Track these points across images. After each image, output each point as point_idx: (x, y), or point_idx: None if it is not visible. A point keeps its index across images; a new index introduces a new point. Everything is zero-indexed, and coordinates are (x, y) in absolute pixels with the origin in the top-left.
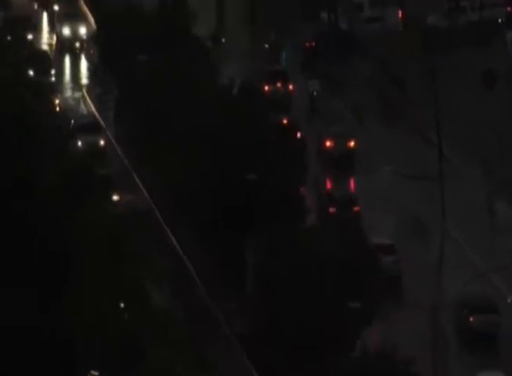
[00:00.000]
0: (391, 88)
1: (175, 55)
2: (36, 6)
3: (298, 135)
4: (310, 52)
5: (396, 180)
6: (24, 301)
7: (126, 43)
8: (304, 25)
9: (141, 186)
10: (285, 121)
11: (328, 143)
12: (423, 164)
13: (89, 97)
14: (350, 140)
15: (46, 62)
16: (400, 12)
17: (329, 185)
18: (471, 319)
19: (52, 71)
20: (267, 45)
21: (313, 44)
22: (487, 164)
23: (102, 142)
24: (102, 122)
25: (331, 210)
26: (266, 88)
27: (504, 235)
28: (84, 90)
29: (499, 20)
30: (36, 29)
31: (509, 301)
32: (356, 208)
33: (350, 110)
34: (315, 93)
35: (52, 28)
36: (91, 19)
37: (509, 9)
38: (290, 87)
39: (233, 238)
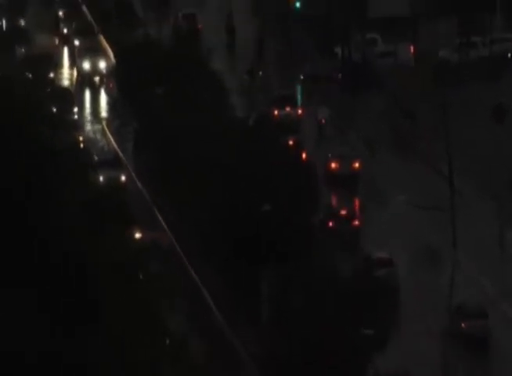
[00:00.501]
0: (403, 121)
1: (191, 88)
2: (57, 41)
3: (303, 156)
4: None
5: (409, 210)
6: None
7: (144, 76)
8: (319, 59)
9: (159, 217)
10: (291, 142)
11: (333, 165)
12: (435, 195)
13: (109, 129)
14: (355, 161)
15: (69, 99)
16: (412, 47)
17: (334, 203)
18: (463, 324)
19: (75, 109)
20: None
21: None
22: (497, 196)
23: (123, 178)
24: (123, 158)
25: (331, 224)
26: (276, 112)
27: None
28: (104, 123)
29: (509, 55)
30: (57, 66)
31: None
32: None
33: (362, 142)
34: (323, 121)
35: (73, 62)
36: (111, 54)
37: None
38: (299, 111)
39: (248, 268)
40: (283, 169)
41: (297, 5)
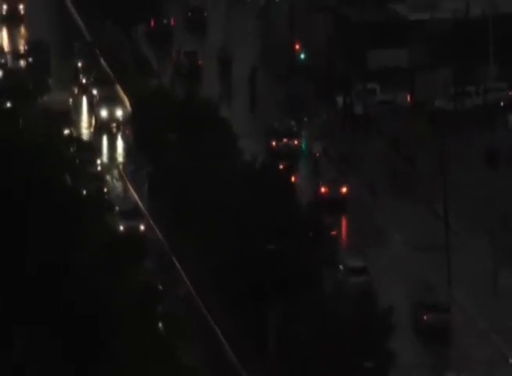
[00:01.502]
0: (401, 165)
1: (202, 134)
2: (76, 91)
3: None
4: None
5: (406, 249)
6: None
7: (158, 124)
8: (321, 107)
9: (172, 258)
10: (282, 166)
11: (323, 189)
12: (432, 235)
13: (124, 174)
14: (342, 186)
15: (92, 152)
16: (409, 96)
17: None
18: (425, 317)
19: (98, 161)
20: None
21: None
22: (491, 235)
23: (142, 227)
24: (142, 208)
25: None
26: (274, 143)
27: (509, 300)
28: (121, 167)
29: (502, 104)
30: (76, 116)
31: (510, 361)
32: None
33: (364, 184)
34: (317, 154)
35: (91, 110)
36: (127, 103)
37: (511, 93)
38: (296, 142)
39: (256, 304)
40: (287, 211)
41: (302, 56)
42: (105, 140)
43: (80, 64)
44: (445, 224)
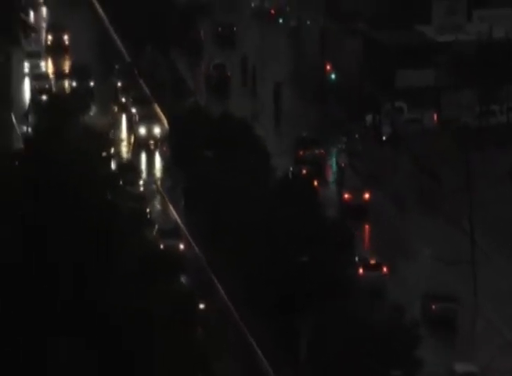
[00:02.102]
0: (428, 181)
1: (237, 151)
2: (116, 109)
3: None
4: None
5: (434, 264)
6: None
7: (194, 141)
8: (351, 125)
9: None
10: (304, 171)
11: (346, 196)
12: (458, 249)
13: (162, 189)
14: (365, 193)
15: (135, 172)
16: (436, 115)
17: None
18: (433, 306)
19: (141, 181)
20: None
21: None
22: None
23: (181, 246)
24: (182, 227)
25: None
26: (301, 152)
27: None
28: (158, 183)
29: None
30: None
31: None
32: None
33: (391, 199)
34: (343, 164)
35: (130, 128)
36: (164, 121)
37: None
38: (321, 151)
39: (288, 315)
40: (317, 224)
41: (332, 76)
42: (143, 157)
43: (120, 84)
44: (470, 239)
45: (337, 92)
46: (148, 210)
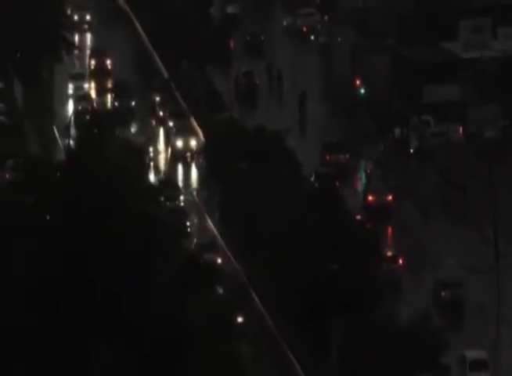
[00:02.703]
0: (453, 193)
1: (270, 164)
2: (154, 123)
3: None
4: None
5: (458, 271)
6: None
7: (229, 154)
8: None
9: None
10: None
11: (370, 198)
12: (482, 258)
13: (198, 200)
14: (388, 195)
15: (176, 191)
16: (461, 128)
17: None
18: (442, 293)
19: (181, 197)
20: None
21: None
22: None
23: (219, 261)
24: (221, 242)
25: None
26: (327, 157)
27: None
28: (195, 194)
29: None
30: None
31: None
32: None
33: (418, 211)
34: (369, 171)
35: (168, 141)
36: (200, 134)
37: None
38: (347, 156)
39: (319, 323)
40: (347, 233)
41: (362, 91)
42: (180, 168)
43: (157, 99)
44: (494, 248)
45: (366, 106)
46: (188, 224)
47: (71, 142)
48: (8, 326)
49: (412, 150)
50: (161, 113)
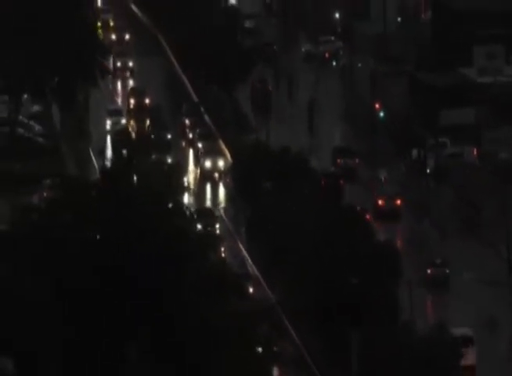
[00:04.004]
0: (468, 211)
1: (294, 183)
2: (184, 144)
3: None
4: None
5: (473, 285)
6: None
7: (255, 174)
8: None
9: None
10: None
11: (380, 202)
12: (496, 272)
13: (226, 217)
14: (396, 199)
15: (212, 217)
16: (476, 150)
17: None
18: (429, 271)
19: (217, 225)
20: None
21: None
22: None
23: (251, 290)
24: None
25: None
26: (338, 160)
27: None
28: (222, 212)
29: None
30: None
31: None
32: None
33: (434, 227)
34: (383, 179)
35: (197, 161)
36: (228, 155)
37: None
38: (356, 161)
39: (340, 329)
40: (365, 246)
41: (381, 114)
42: (208, 187)
43: (187, 121)
44: (508, 263)
45: (385, 128)
46: (222, 249)
47: (106, 163)
48: (48, 338)
49: (429, 170)
50: (191, 135)
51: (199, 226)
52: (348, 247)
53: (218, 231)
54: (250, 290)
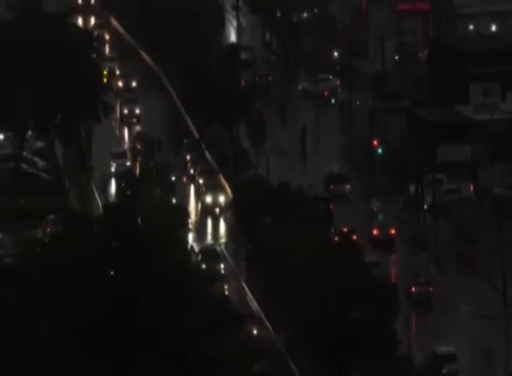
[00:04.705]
0: (466, 245)
1: (293, 217)
2: (185, 180)
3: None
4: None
5: (471, 318)
6: None
7: (255, 208)
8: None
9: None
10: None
11: (375, 231)
12: (492, 305)
13: (227, 251)
14: (391, 228)
15: (216, 257)
16: (472, 186)
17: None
18: (413, 289)
19: (222, 265)
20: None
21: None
22: None
23: (255, 332)
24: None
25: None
26: (331, 186)
27: None
28: (223, 246)
29: None
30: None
31: None
32: None
33: (433, 262)
34: (376, 209)
35: (198, 197)
36: (228, 190)
37: None
38: (348, 187)
39: (341, 360)
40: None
41: (380, 149)
42: (209, 222)
43: (188, 157)
44: (503, 296)
45: (383, 164)
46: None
47: (109, 198)
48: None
49: (426, 206)
50: (192, 171)
51: (203, 266)
52: (347, 281)
53: (222, 271)
54: (251, 325)
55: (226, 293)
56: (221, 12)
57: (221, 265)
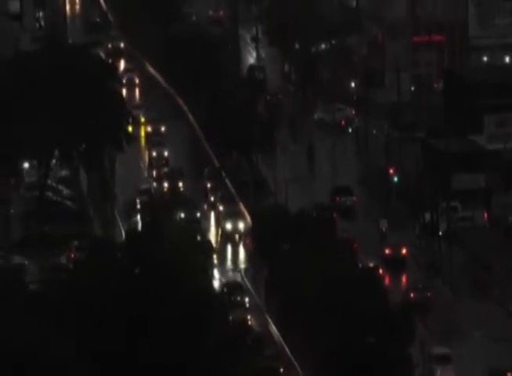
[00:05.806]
0: (479, 271)
1: (312, 244)
2: (206, 207)
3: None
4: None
5: (486, 343)
6: None
7: (274, 235)
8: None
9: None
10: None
11: (387, 251)
12: (506, 330)
13: (246, 277)
14: (403, 248)
15: (239, 290)
16: (486, 214)
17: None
18: (411, 294)
19: (246, 298)
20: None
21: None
22: None
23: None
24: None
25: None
26: (337, 198)
27: None
28: (242, 272)
29: None
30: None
31: None
32: None
33: (448, 287)
34: (384, 229)
35: (218, 224)
36: (248, 217)
37: None
38: (354, 199)
39: None
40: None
41: (396, 178)
42: (229, 248)
43: (209, 185)
44: None
45: (399, 192)
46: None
47: (132, 225)
48: None
49: (441, 233)
50: (212, 198)
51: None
52: (363, 306)
53: (247, 304)
54: (268, 348)
55: (249, 322)
56: (239, 43)
57: (246, 299)
